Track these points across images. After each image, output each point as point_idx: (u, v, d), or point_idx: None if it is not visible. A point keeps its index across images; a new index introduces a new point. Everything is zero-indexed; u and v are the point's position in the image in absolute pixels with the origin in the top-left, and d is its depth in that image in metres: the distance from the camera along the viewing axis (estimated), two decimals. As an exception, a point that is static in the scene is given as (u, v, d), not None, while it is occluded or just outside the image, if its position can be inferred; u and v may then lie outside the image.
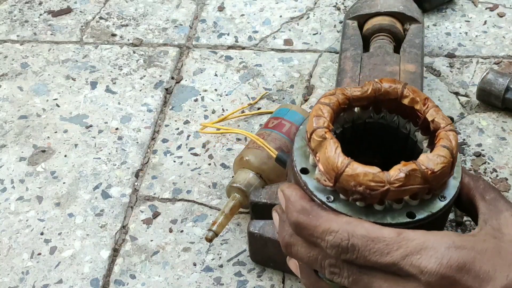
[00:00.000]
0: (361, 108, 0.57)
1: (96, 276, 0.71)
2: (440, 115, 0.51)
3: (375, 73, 0.80)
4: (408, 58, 0.83)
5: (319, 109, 0.50)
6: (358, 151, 0.63)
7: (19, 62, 0.99)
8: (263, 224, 0.66)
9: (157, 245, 0.74)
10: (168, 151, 0.84)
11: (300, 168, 0.48)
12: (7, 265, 0.73)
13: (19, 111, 0.91)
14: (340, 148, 0.47)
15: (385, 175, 0.44)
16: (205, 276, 0.70)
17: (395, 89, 0.54)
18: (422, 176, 0.45)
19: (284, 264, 0.69)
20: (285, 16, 1.05)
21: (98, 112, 0.90)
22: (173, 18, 1.05)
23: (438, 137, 0.49)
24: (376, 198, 0.44)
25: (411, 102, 0.53)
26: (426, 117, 0.52)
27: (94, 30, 1.04)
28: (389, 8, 0.89)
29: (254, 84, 0.93)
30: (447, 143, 0.48)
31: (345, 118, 0.60)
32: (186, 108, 0.90)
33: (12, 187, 0.81)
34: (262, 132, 0.77)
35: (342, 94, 0.53)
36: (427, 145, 0.53)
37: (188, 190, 0.79)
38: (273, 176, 0.74)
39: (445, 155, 0.46)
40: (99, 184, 0.81)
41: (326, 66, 0.95)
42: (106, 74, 0.96)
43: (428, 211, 0.46)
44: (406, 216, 0.46)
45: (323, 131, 0.49)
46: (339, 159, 0.45)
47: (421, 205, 0.47)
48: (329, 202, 0.46)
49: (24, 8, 1.09)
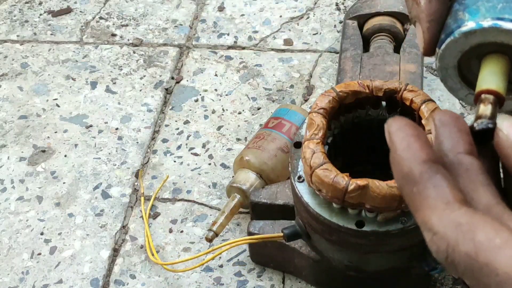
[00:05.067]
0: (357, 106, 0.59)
1: (96, 276, 0.71)
2: (420, 95, 0.54)
3: (375, 73, 0.80)
4: (408, 58, 0.83)
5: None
6: (358, 151, 0.64)
7: (19, 62, 0.99)
8: (263, 224, 0.66)
9: (157, 245, 0.74)
10: (168, 151, 0.84)
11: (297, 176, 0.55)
12: (7, 265, 0.73)
13: (19, 111, 0.91)
14: (322, 149, 0.52)
15: (344, 183, 0.50)
16: (205, 276, 0.70)
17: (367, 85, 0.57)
18: (370, 195, 0.50)
19: (284, 264, 0.70)
20: (285, 16, 1.05)
21: (98, 112, 0.90)
22: (173, 18, 1.05)
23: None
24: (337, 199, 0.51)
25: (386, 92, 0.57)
26: (403, 99, 0.55)
27: (94, 30, 1.04)
28: (389, 8, 0.89)
29: (254, 84, 0.93)
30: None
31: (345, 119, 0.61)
32: (186, 108, 0.90)
33: (12, 187, 0.81)
34: (262, 132, 0.77)
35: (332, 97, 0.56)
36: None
37: (188, 190, 0.79)
38: (273, 176, 0.74)
39: (397, 188, 0.50)
40: (99, 184, 0.81)
41: (326, 66, 0.95)
42: (106, 74, 0.96)
43: (378, 227, 0.51)
44: (354, 224, 0.52)
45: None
46: (316, 161, 0.51)
47: (390, 220, 0.52)
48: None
49: (24, 8, 1.09)
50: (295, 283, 0.69)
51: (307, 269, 0.67)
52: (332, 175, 0.50)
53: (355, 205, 0.51)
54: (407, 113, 0.57)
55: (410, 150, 0.29)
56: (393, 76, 0.79)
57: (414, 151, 0.29)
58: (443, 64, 0.36)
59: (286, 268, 0.70)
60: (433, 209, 0.28)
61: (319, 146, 0.52)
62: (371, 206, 0.50)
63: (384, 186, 0.49)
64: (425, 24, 0.35)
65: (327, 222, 0.53)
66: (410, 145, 0.30)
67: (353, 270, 0.61)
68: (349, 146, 0.61)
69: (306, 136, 0.54)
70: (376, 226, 0.52)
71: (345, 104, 0.56)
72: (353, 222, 0.52)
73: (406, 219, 0.52)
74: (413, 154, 0.29)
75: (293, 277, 0.70)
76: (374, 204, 0.50)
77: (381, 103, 0.58)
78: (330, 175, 0.50)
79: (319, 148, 0.52)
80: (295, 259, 0.67)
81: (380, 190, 0.49)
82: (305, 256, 0.65)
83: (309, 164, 0.51)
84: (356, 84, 0.57)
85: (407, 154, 0.29)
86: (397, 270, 0.62)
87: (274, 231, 0.64)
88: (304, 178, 0.55)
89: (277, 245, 0.67)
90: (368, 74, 0.80)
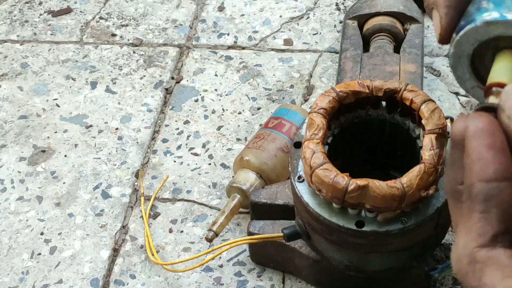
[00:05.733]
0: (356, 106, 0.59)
1: (96, 276, 0.71)
2: (420, 96, 0.54)
3: (375, 73, 0.80)
4: (408, 58, 0.83)
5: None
6: (358, 151, 0.64)
7: (19, 62, 0.99)
8: (263, 224, 0.66)
9: (157, 245, 0.74)
10: (168, 151, 0.84)
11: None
12: (7, 265, 0.73)
13: (19, 111, 0.91)
14: (322, 149, 0.53)
15: (344, 183, 0.50)
16: (205, 276, 0.70)
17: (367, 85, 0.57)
18: (369, 195, 0.50)
19: (284, 264, 0.70)
20: (285, 16, 1.05)
21: (98, 112, 0.90)
22: (173, 18, 1.05)
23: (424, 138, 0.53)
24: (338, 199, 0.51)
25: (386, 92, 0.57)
26: (403, 99, 0.55)
27: (94, 30, 1.04)
28: (389, 8, 0.89)
29: (254, 84, 0.93)
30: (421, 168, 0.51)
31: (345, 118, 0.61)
32: (186, 108, 0.90)
33: (12, 187, 0.81)
34: (262, 132, 0.77)
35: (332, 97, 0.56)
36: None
37: (188, 190, 0.79)
38: (273, 176, 0.74)
39: (398, 188, 0.50)
40: (99, 184, 0.81)
41: (326, 66, 0.95)
42: (106, 74, 0.96)
43: (378, 227, 0.51)
44: (354, 224, 0.53)
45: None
46: (316, 161, 0.52)
47: (390, 220, 0.52)
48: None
49: (24, 8, 1.09)
50: (295, 283, 0.69)
51: (307, 269, 0.67)
52: (332, 175, 0.50)
53: (355, 205, 0.51)
54: (407, 113, 0.57)
55: (479, 163, 0.29)
56: (393, 76, 0.79)
57: (482, 165, 0.29)
58: (458, 51, 0.35)
59: (286, 268, 0.70)
60: (465, 234, 0.29)
61: (319, 146, 0.52)
62: (371, 206, 0.50)
63: (384, 186, 0.49)
64: (443, 10, 0.35)
65: (327, 222, 0.53)
66: (480, 156, 0.29)
67: (353, 270, 0.61)
68: (349, 146, 0.61)
69: (306, 136, 0.54)
70: (376, 226, 0.52)
71: (345, 104, 0.56)
72: (353, 222, 0.52)
73: (406, 219, 0.52)
74: (478, 168, 0.29)
75: (293, 277, 0.70)
76: (374, 204, 0.50)
77: (381, 103, 0.58)
78: (330, 175, 0.50)
79: (319, 148, 0.52)
80: (295, 259, 0.67)
81: (380, 190, 0.49)
82: (305, 256, 0.65)
83: (309, 164, 0.51)
84: (356, 84, 0.57)
85: (476, 167, 0.29)
86: (397, 270, 0.62)
87: (274, 231, 0.64)
88: (304, 178, 0.55)
89: (277, 245, 0.67)
90: (368, 74, 0.80)
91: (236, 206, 0.71)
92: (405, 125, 0.58)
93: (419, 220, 0.52)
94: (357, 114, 0.59)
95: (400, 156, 0.61)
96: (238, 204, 0.72)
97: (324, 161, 0.51)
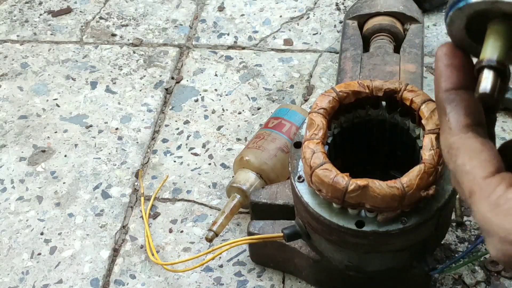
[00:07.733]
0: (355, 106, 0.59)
1: (96, 276, 0.71)
2: (420, 96, 0.54)
3: (375, 73, 0.80)
4: (408, 58, 0.83)
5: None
6: (358, 151, 0.64)
7: (19, 62, 0.99)
8: (263, 224, 0.66)
9: (157, 245, 0.74)
10: (168, 151, 0.84)
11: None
12: (7, 265, 0.73)
13: (19, 111, 0.91)
14: (322, 149, 0.53)
15: (344, 183, 0.50)
16: (205, 276, 0.70)
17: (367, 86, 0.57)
18: (369, 195, 0.50)
19: (284, 264, 0.70)
20: (285, 16, 1.05)
21: (98, 112, 0.90)
22: (173, 18, 1.05)
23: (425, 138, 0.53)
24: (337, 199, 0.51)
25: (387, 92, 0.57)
26: (403, 99, 0.55)
27: (94, 30, 1.04)
28: (389, 8, 0.89)
29: (254, 84, 0.93)
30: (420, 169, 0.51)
31: (344, 118, 0.61)
32: (186, 108, 0.90)
33: (12, 187, 0.81)
34: (262, 132, 0.77)
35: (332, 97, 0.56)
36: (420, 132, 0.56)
37: (188, 190, 0.79)
38: (273, 176, 0.74)
39: (398, 188, 0.50)
40: (99, 184, 0.81)
41: (326, 66, 0.95)
42: (106, 74, 0.96)
43: (378, 227, 0.51)
44: (354, 224, 0.53)
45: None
46: (316, 161, 0.52)
47: (389, 220, 0.52)
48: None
49: (24, 8, 1.09)
50: (295, 283, 0.69)
51: (307, 269, 0.67)
52: (332, 175, 0.50)
53: (355, 205, 0.51)
54: (407, 113, 0.57)
55: (441, 78, 0.38)
56: (393, 76, 0.79)
57: (441, 80, 0.38)
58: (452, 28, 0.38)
59: (286, 268, 0.70)
60: (442, 132, 0.38)
61: (319, 146, 0.52)
62: (371, 206, 0.50)
63: (384, 186, 0.49)
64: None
65: (327, 222, 0.53)
66: (441, 73, 0.38)
67: (353, 270, 0.61)
68: (349, 146, 0.61)
69: (306, 136, 0.54)
70: (376, 226, 0.52)
71: (345, 104, 0.56)
72: (353, 222, 0.52)
73: (406, 219, 0.52)
74: (440, 82, 0.38)
75: (293, 277, 0.70)
76: (374, 204, 0.50)
77: (381, 103, 0.58)
78: (330, 175, 0.50)
79: (319, 148, 0.52)
80: (295, 259, 0.67)
81: (380, 190, 0.49)
82: (305, 256, 0.65)
83: (309, 164, 0.51)
84: (356, 84, 0.57)
85: (439, 81, 0.38)
86: (397, 270, 0.62)
87: (274, 231, 0.64)
88: (304, 178, 0.55)
89: (277, 245, 0.67)
90: (368, 74, 0.80)
91: (236, 206, 0.71)
92: (405, 125, 0.58)
93: (419, 220, 0.52)
94: (357, 114, 0.59)
95: (400, 156, 0.61)
96: (238, 204, 0.72)
97: (324, 161, 0.51)
